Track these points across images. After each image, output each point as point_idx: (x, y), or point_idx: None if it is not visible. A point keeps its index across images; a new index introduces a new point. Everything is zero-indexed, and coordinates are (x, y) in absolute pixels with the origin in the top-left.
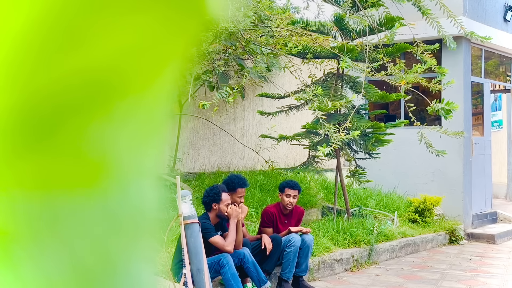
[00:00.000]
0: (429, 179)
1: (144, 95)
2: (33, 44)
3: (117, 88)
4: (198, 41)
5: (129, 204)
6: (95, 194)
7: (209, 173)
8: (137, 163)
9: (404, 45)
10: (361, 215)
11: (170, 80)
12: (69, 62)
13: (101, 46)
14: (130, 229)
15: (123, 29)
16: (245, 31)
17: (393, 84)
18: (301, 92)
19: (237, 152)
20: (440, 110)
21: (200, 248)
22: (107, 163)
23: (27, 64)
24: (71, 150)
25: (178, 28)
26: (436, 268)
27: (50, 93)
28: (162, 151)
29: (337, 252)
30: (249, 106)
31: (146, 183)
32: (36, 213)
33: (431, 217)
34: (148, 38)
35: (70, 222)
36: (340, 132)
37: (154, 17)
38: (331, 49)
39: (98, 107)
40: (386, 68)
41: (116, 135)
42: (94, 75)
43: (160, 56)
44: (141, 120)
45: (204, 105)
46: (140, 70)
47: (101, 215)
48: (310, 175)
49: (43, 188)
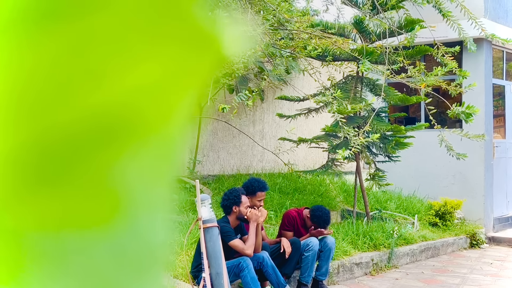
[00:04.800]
0: (450, 182)
1: (157, 132)
2: (50, 80)
3: (129, 125)
4: (212, 76)
5: (139, 241)
6: (105, 231)
7: (229, 176)
8: (149, 199)
9: (425, 47)
10: (381, 218)
11: (183, 116)
12: (83, 100)
13: (117, 84)
14: (139, 266)
15: (137, 68)
16: (265, 34)
17: (413, 86)
18: (320, 94)
19: (256, 155)
20: (460, 114)
21: (219, 251)
22: (119, 200)
23: (42, 101)
24: (83, 189)
25: (192, 66)
26: (457, 272)
27: (64, 131)
28: (174, 187)
29: (357, 256)
30: (269, 108)
31: (157, 219)
32: (45, 252)
33: (451, 220)
34: (162, 76)
35: (79, 260)
36: (360, 135)
37: (168, 56)
38: (350, 51)
39: (111, 145)
40: (406, 71)
41: (128, 171)
42: (107, 113)
43: (173, 94)
44: (154, 156)
45: (223, 108)
46: (154, 108)
47: (111, 253)
48: (330, 178)
49: (54, 228)
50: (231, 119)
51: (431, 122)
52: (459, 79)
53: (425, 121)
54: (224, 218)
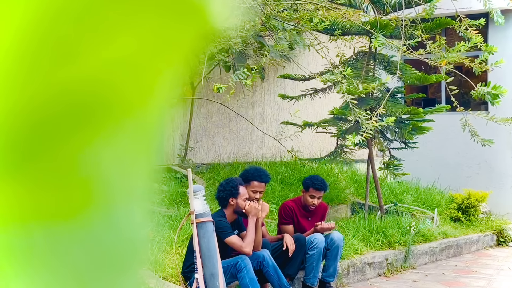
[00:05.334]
0: (474, 172)
1: (135, 112)
2: (24, 54)
3: (104, 104)
4: (197, 50)
5: (116, 235)
6: (77, 224)
7: (225, 164)
8: (127, 188)
9: (446, 20)
10: (396, 212)
11: (165, 95)
12: (52, 75)
13: (93, 58)
14: (116, 263)
15: (113, 39)
16: (265, 5)
17: (433, 64)
18: (328, 73)
19: (256, 141)
20: (486, 95)
21: (214, 249)
22: (92, 190)
23: (5, 74)
24: (52, 176)
25: (174, 38)
26: (482, 273)
27: (29, 110)
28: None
29: (369, 255)
30: (270, 89)
31: (136, 211)
32: (10, 247)
33: (476, 215)
34: (140, 49)
35: (48, 256)
36: (372, 119)
37: (146, 26)
38: (362, 24)
39: (83, 126)
40: (424, 46)
41: (102, 157)
42: (78, 90)
43: (153, 69)
44: (132, 140)
45: (219, 88)
46: (131, 84)
47: (84, 248)
48: (338, 167)
49: (20, 220)
50: (228, 100)
51: (453, 104)
52: (485, 55)
53: (446, 103)
54: (219, 212)
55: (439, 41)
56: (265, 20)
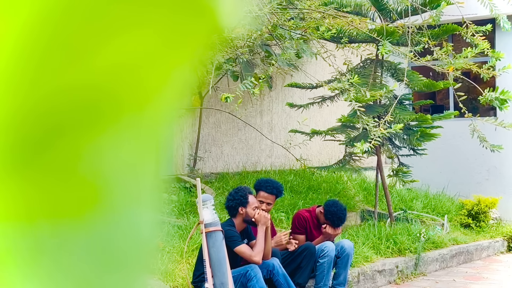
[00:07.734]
0: (484, 178)
1: (141, 113)
2: (32, 52)
3: (108, 104)
4: (205, 50)
5: (120, 237)
6: (82, 224)
7: (234, 173)
8: (133, 191)
9: (452, 26)
10: (406, 219)
11: (172, 96)
12: (64, 77)
13: (99, 60)
14: (120, 265)
15: (123, 42)
16: (272, 14)
17: (440, 70)
18: (335, 81)
19: (264, 149)
20: (494, 100)
21: (223, 259)
22: (98, 190)
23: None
24: (57, 175)
25: (182, 37)
26: (493, 279)
27: (35, 107)
28: (162, 172)
29: (379, 262)
30: (278, 97)
31: (141, 215)
32: (16, 246)
33: (486, 221)
34: (146, 48)
35: (52, 255)
36: (381, 126)
37: (153, 24)
38: (369, 32)
39: (88, 125)
40: (431, 53)
41: (108, 158)
42: (89, 91)
43: (159, 69)
44: (138, 142)
45: (227, 98)
46: (140, 86)
47: (88, 249)
48: (347, 175)
49: (26, 219)
50: (236, 109)
51: (461, 110)
52: (492, 61)
53: (454, 109)
54: (229, 221)
55: (446, 47)
56: (272, 29)
